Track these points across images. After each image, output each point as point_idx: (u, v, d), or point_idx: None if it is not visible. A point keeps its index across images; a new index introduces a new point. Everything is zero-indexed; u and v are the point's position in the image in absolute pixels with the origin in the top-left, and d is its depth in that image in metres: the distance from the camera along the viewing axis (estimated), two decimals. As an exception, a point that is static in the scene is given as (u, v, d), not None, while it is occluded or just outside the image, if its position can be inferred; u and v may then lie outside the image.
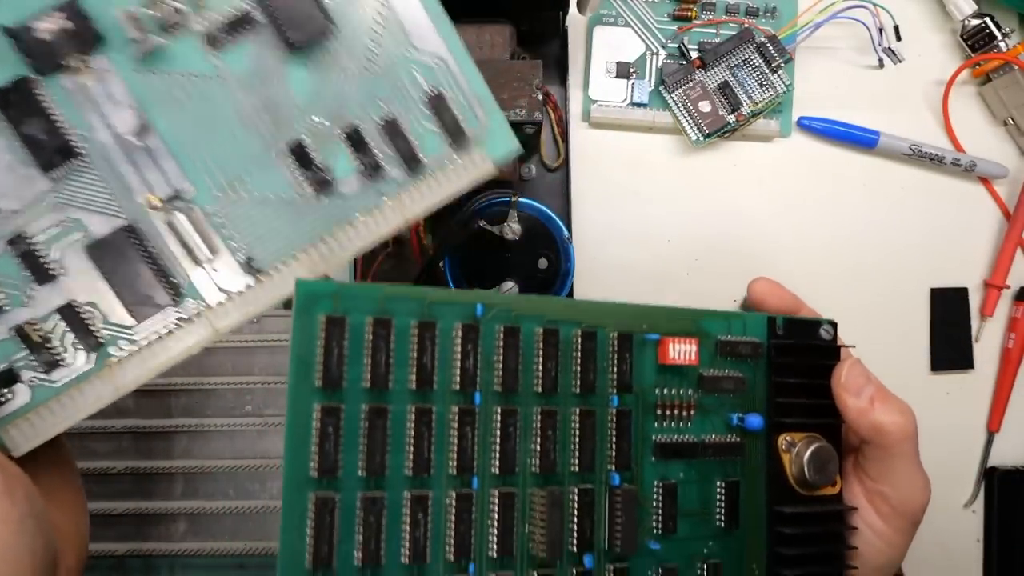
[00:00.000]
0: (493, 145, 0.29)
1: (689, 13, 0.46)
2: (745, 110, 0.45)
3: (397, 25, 0.27)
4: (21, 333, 0.26)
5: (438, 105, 0.28)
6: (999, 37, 0.46)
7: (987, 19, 0.47)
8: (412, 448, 0.24)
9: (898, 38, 0.47)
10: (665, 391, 0.29)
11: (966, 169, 0.48)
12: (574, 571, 0.26)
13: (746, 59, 0.45)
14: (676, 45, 0.47)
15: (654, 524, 0.28)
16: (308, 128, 0.27)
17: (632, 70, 0.47)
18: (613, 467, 0.27)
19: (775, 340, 0.31)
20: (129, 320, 0.27)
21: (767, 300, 0.35)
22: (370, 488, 0.24)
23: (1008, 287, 0.48)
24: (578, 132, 0.48)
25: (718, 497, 0.30)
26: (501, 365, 0.26)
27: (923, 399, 0.32)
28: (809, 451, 0.30)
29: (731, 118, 0.45)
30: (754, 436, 0.30)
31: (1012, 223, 0.48)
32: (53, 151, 0.25)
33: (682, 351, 0.29)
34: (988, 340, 0.49)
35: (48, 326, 0.26)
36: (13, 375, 0.26)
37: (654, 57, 0.47)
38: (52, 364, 0.26)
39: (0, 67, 0.25)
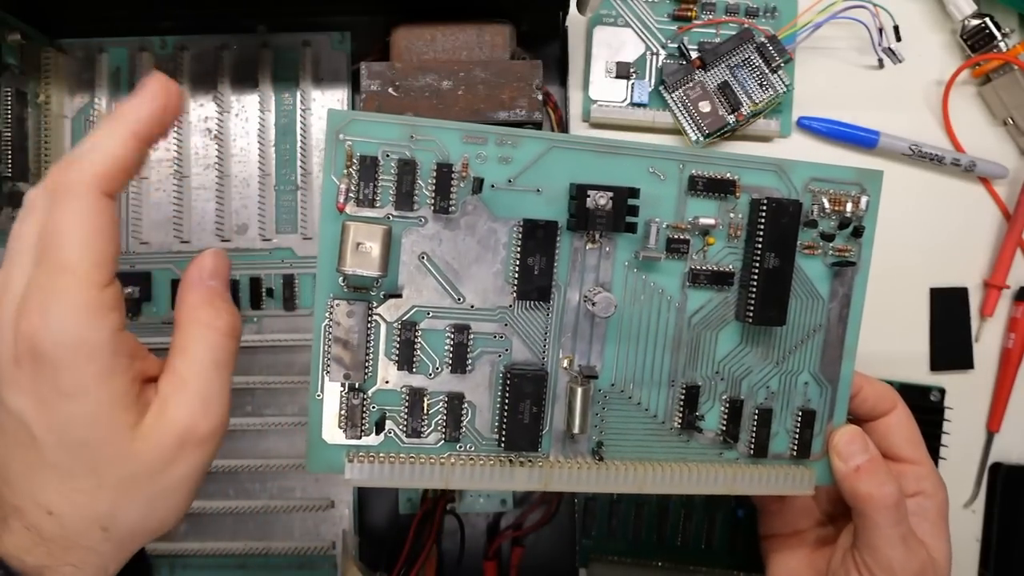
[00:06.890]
0: (821, 473, 0.34)
1: (689, 13, 0.46)
2: (745, 110, 0.45)
3: (819, 342, 0.33)
4: (414, 398, 0.30)
5: (806, 418, 0.33)
6: (999, 37, 0.47)
7: (987, 19, 0.47)
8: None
9: (898, 38, 0.47)
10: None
11: (966, 169, 0.48)
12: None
13: (746, 59, 0.45)
14: (676, 45, 0.47)
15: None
16: (708, 380, 0.33)
17: (632, 70, 0.47)
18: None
19: None
20: (490, 435, 0.31)
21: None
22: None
23: (1008, 287, 0.48)
24: (578, 132, 0.48)
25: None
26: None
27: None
28: None
29: (731, 118, 0.45)
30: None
31: (1012, 223, 0.48)
32: (535, 287, 0.30)
33: None
34: (988, 340, 0.49)
35: (431, 401, 0.31)
36: (382, 421, 0.30)
37: (654, 57, 0.47)
38: (414, 431, 0.30)
39: (550, 205, 0.30)
